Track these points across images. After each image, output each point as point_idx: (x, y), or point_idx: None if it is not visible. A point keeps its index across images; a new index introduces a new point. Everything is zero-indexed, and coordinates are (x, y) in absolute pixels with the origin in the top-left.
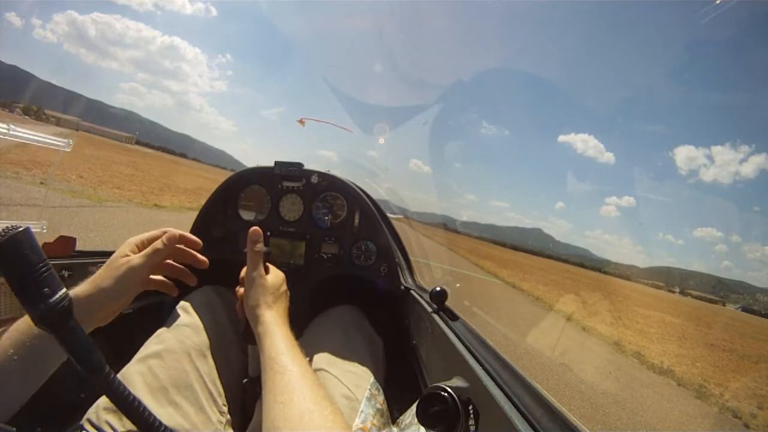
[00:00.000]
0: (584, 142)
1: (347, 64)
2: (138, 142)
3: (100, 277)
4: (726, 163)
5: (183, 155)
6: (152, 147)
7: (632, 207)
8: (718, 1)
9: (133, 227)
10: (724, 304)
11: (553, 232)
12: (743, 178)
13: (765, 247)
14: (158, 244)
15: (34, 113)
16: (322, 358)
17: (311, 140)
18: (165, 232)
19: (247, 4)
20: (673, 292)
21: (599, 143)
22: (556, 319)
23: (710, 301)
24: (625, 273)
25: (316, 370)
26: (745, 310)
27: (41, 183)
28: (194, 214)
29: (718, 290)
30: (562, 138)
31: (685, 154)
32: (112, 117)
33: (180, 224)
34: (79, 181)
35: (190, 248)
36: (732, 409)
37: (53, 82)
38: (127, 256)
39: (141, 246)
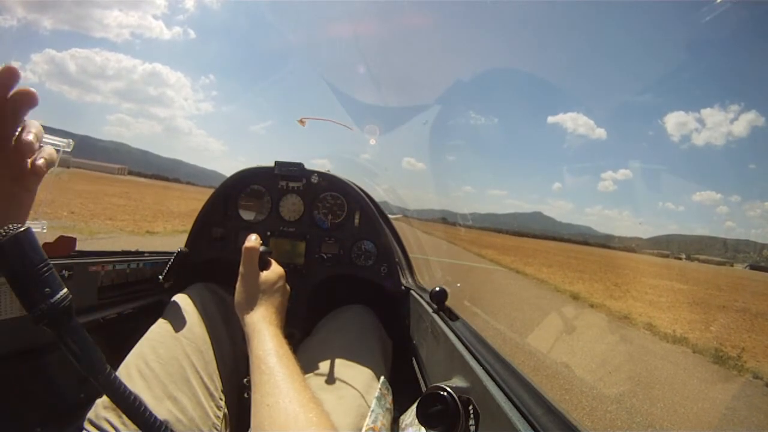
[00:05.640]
0: (574, 121)
1: (329, 68)
2: (130, 173)
3: None
4: (717, 124)
5: (177, 180)
6: (145, 176)
7: (629, 179)
8: None
9: None
10: (732, 265)
11: (554, 213)
12: (736, 138)
13: (765, 203)
14: None
15: None
16: (337, 356)
17: (305, 148)
18: None
19: (225, 22)
20: (680, 259)
21: (589, 120)
22: (562, 299)
23: (718, 263)
24: (630, 246)
25: (330, 366)
26: (753, 267)
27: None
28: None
29: (724, 251)
30: (551, 119)
31: (675, 121)
32: (102, 150)
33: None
34: (71, 217)
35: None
36: (752, 370)
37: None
38: None
39: None
